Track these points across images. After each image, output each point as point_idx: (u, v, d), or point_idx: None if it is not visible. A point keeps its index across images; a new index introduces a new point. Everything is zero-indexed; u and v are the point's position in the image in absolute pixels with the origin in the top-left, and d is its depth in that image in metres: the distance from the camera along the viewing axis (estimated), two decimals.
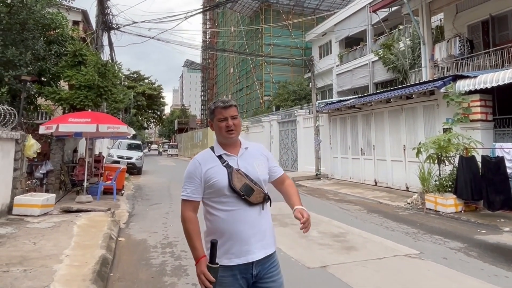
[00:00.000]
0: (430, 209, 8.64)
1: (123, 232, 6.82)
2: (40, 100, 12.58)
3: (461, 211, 8.25)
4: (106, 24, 14.13)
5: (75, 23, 24.18)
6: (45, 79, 11.78)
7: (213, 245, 1.91)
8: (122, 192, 11.51)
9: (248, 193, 2.02)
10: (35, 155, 8.66)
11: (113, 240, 5.96)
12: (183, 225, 2.10)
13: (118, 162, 16.90)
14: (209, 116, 2.23)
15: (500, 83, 8.55)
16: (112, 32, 14.84)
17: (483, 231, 6.79)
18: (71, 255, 4.88)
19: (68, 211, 7.81)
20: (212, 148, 2.20)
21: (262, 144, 2.70)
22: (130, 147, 21.22)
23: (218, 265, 1.92)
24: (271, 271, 2.07)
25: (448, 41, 14.18)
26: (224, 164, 2.08)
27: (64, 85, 12.83)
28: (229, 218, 2.02)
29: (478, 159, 8.22)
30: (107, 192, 10.68)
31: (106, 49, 15.36)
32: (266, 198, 2.10)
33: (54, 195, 8.32)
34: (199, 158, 2.17)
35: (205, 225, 2.15)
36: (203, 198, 2.12)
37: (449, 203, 8.31)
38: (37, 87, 11.53)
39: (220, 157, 2.12)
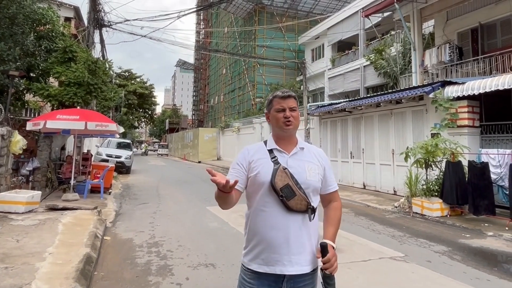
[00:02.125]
0: (416, 213, 8.73)
1: (109, 231, 6.76)
2: (28, 96, 12.43)
3: (446, 215, 8.35)
4: (97, 21, 14.03)
5: (67, 19, 23.98)
6: (34, 75, 11.64)
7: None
8: (110, 191, 11.41)
9: (288, 196, 1.81)
10: (21, 151, 8.55)
11: (99, 238, 5.90)
12: (215, 197, 1.85)
13: (107, 160, 16.74)
14: (266, 107, 2.07)
15: (488, 90, 8.69)
16: (104, 29, 14.74)
17: (467, 235, 6.88)
18: (55, 253, 4.81)
19: (53, 209, 7.71)
20: (265, 142, 2.03)
21: None
22: (120, 145, 21.04)
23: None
24: None
25: (438, 48, 14.35)
26: (272, 159, 1.91)
27: (53, 81, 12.69)
28: (263, 220, 1.86)
29: (465, 164, 8.34)
30: (95, 190, 10.57)
31: (98, 46, 15.25)
32: (310, 209, 1.85)
33: (39, 192, 8.20)
34: (250, 147, 2.02)
35: (245, 222, 2.03)
36: (246, 192, 1.98)
37: (435, 207, 8.40)
38: (26, 83, 11.39)
39: (271, 151, 1.95)
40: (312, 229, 1.89)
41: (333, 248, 1.82)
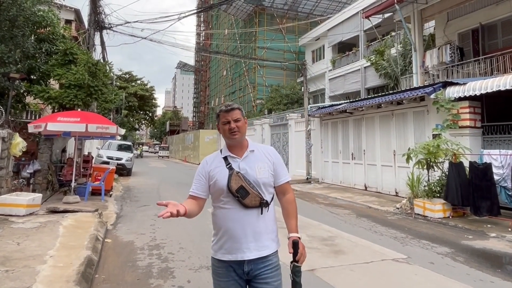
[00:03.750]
0: (418, 214, 8.69)
1: (110, 234, 6.74)
2: (29, 99, 12.43)
3: (449, 217, 8.31)
4: (98, 23, 14.03)
5: (68, 21, 24.02)
6: (34, 77, 11.65)
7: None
8: (111, 193, 11.39)
9: (243, 195, 2.10)
10: (20, 153, 8.53)
11: (99, 241, 5.87)
12: None
13: (107, 163, 16.74)
14: (216, 120, 2.32)
15: (489, 90, 8.66)
16: (104, 31, 14.74)
17: (470, 237, 6.84)
18: (56, 255, 4.79)
19: (54, 211, 7.69)
20: (221, 150, 2.30)
21: None
22: (120, 148, 21.03)
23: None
24: (265, 273, 2.11)
25: (439, 48, 14.33)
26: (227, 166, 2.18)
27: (53, 84, 12.70)
28: (224, 216, 2.14)
29: (466, 165, 8.30)
30: (96, 193, 10.55)
31: (98, 48, 15.26)
32: (264, 203, 2.14)
33: (40, 195, 8.19)
34: (208, 158, 2.31)
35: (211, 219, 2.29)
36: (210, 195, 2.25)
37: (437, 208, 8.36)
38: (26, 85, 11.39)
39: (225, 158, 2.22)
40: (268, 218, 2.19)
41: (299, 238, 2.19)
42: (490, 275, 4.74)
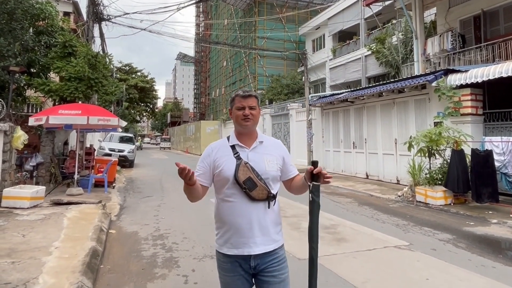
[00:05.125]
0: (420, 201, 8.73)
1: (114, 225, 6.79)
2: (30, 92, 12.41)
3: (450, 204, 8.35)
4: (97, 15, 13.95)
5: (66, 14, 23.88)
6: (34, 71, 11.62)
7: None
8: (114, 184, 11.45)
9: (250, 188, 2.01)
10: (22, 146, 8.55)
11: (104, 232, 5.92)
12: (184, 190, 2.09)
13: (109, 155, 16.78)
14: (229, 104, 2.23)
15: (491, 77, 8.62)
16: (103, 23, 14.67)
17: (471, 223, 6.88)
18: (61, 247, 4.84)
19: (58, 203, 7.75)
20: (228, 138, 2.20)
21: None
22: (122, 140, 21.06)
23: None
24: (272, 266, 2.06)
25: (440, 36, 14.22)
26: (235, 155, 2.09)
27: (54, 76, 12.67)
28: (230, 209, 2.06)
29: (468, 152, 8.31)
30: (98, 185, 10.61)
31: (98, 41, 15.20)
32: (271, 196, 2.07)
33: (44, 187, 8.24)
34: (214, 145, 2.20)
35: (214, 212, 2.22)
36: (214, 185, 2.17)
37: (438, 195, 8.39)
38: (26, 78, 11.37)
39: (233, 147, 2.13)
40: (275, 212, 2.12)
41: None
42: (492, 260, 4.78)
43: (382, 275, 4.27)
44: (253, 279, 2.11)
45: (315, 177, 1.99)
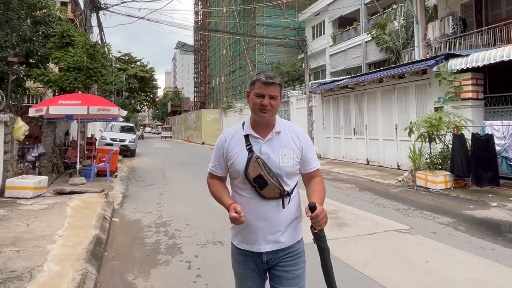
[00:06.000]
0: (420, 186, 8.77)
1: (117, 213, 6.85)
2: (29, 83, 12.38)
3: (450, 188, 8.38)
4: (94, 4, 13.83)
5: (63, 4, 23.61)
6: (33, 61, 11.56)
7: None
8: (116, 174, 11.51)
9: (260, 186, 1.85)
10: (23, 137, 8.58)
11: (107, 220, 5.98)
12: (209, 190, 2.08)
13: (111, 144, 16.81)
14: (249, 86, 2.00)
15: (492, 61, 8.57)
16: (101, 12, 14.55)
17: (471, 207, 6.93)
18: (65, 235, 4.90)
19: (61, 193, 7.80)
20: (243, 124, 2.02)
21: None
22: (123, 129, 21.08)
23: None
24: (285, 261, 1.93)
25: (441, 20, 14.10)
26: (247, 147, 1.92)
27: (53, 67, 12.62)
28: (241, 203, 1.91)
29: (468, 136, 8.31)
30: (101, 174, 10.67)
31: (96, 30, 15.10)
32: (284, 195, 1.88)
33: (46, 177, 8.29)
34: (227, 133, 2.04)
35: None
36: (229, 174, 2.04)
37: (439, 180, 8.43)
38: (25, 69, 11.33)
39: (246, 137, 1.95)
40: (290, 207, 1.93)
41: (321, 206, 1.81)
42: (491, 242, 4.83)
43: (383, 258, 4.32)
44: (267, 273, 2.00)
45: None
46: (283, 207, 1.89)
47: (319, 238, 1.80)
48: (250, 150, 1.90)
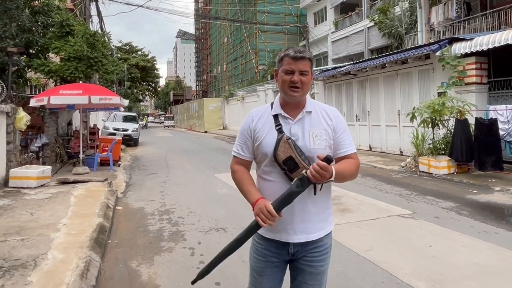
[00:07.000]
0: (423, 171, 8.75)
1: (121, 201, 6.89)
2: (30, 74, 12.36)
3: (453, 173, 8.36)
4: None
5: None
6: (33, 52, 11.52)
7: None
8: (119, 163, 11.54)
9: (291, 169, 1.70)
10: (25, 127, 8.60)
11: (111, 209, 6.01)
12: (232, 177, 1.95)
13: (114, 134, 16.83)
14: (276, 64, 1.86)
15: (497, 45, 8.45)
16: (100, 1, 14.45)
17: (474, 191, 6.91)
18: (69, 224, 4.93)
19: (65, 182, 7.84)
20: (272, 104, 1.88)
21: None
22: (126, 119, 21.11)
23: None
24: (312, 255, 1.81)
25: (445, 4, 13.89)
26: (277, 128, 1.78)
27: (53, 57, 12.58)
28: (269, 190, 1.78)
29: (472, 121, 8.25)
30: (104, 163, 10.70)
31: (95, 19, 14.99)
32: None
33: (50, 167, 8.32)
34: (254, 113, 1.89)
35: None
36: (255, 157, 1.89)
37: (442, 165, 8.40)
38: (26, 60, 11.29)
39: (275, 117, 1.81)
40: (323, 197, 1.83)
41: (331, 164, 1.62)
42: (495, 226, 4.83)
43: (386, 243, 4.33)
44: (287, 265, 1.89)
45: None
46: (315, 193, 1.74)
47: (302, 184, 1.61)
48: (280, 131, 1.76)
